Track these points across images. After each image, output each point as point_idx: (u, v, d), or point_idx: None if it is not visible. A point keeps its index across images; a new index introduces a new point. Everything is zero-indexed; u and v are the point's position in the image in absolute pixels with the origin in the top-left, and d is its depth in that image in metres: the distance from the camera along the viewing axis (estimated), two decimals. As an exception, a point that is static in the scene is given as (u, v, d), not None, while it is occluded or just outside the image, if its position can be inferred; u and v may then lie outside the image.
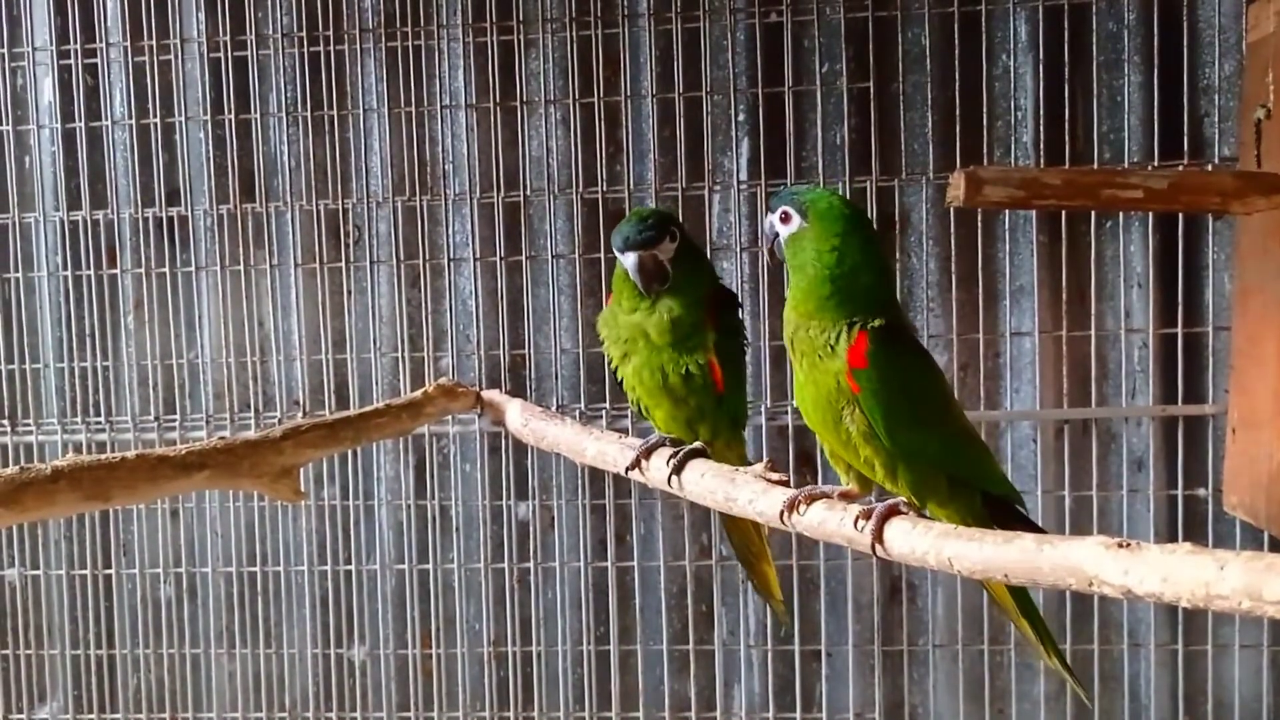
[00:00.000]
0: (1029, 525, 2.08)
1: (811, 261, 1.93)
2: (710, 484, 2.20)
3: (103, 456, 2.28)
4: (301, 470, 2.51)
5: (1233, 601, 1.36)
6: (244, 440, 2.44)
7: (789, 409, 3.31)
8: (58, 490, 2.18)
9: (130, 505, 3.39)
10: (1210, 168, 3.16)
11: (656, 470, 2.28)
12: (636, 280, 2.23)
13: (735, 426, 2.43)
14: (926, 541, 1.76)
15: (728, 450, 2.41)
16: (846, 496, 1.98)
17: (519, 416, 2.72)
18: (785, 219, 1.97)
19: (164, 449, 2.35)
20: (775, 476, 2.11)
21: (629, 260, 2.22)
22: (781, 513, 1.96)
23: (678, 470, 2.19)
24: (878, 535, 1.81)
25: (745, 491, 2.10)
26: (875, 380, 1.88)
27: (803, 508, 1.94)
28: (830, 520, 1.92)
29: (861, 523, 1.83)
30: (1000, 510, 2.05)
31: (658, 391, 2.30)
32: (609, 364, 2.40)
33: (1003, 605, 2.21)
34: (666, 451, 2.27)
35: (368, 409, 2.66)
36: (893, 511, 1.81)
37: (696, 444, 2.23)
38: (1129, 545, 1.50)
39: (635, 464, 2.30)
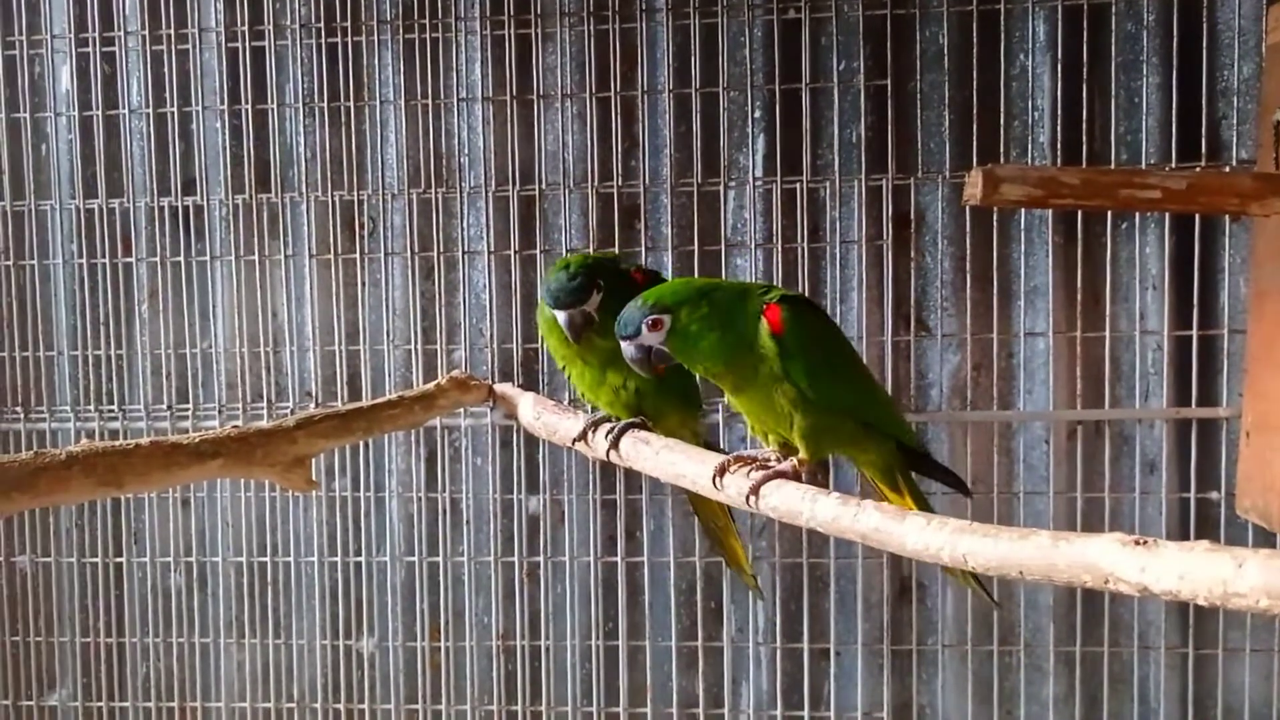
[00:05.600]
0: (949, 473, 2.39)
1: (705, 330, 2.11)
2: (725, 478, 2.21)
3: (117, 443, 2.28)
4: (313, 461, 2.53)
5: (1250, 599, 1.36)
6: (257, 429, 2.45)
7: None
8: (71, 476, 2.18)
9: (143, 492, 3.40)
10: (1228, 170, 3.15)
11: (598, 444, 2.49)
12: (566, 333, 2.39)
13: (686, 404, 2.57)
14: (942, 537, 1.77)
15: (681, 428, 2.55)
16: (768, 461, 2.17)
17: (531, 410, 2.73)
18: (656, 325, 2.13)
19: (178, 437, 2.35)
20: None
21: (560, 317, 2.38)
22: (714, 478, 2.17)
23: (615, 444, 2.39)
24: (754, 489, 2.06)
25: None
26: (793, 339, 2.10)
27: (728, 475, 2.16)
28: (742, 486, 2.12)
29: (752, 472, 2.09)
30: (915, 457, 2.32)
31: (595, 388, 2.50)
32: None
33: None
34: (608, 426, 2.47)
35: (380, 400, 2.67)
36: (779, 474, 2.05)
37: (635, 419, 2.41)
38: (1145, 542, 1.50)
39: (582, 436, 2.52)
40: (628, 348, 2.17)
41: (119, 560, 3.60)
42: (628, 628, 3.47)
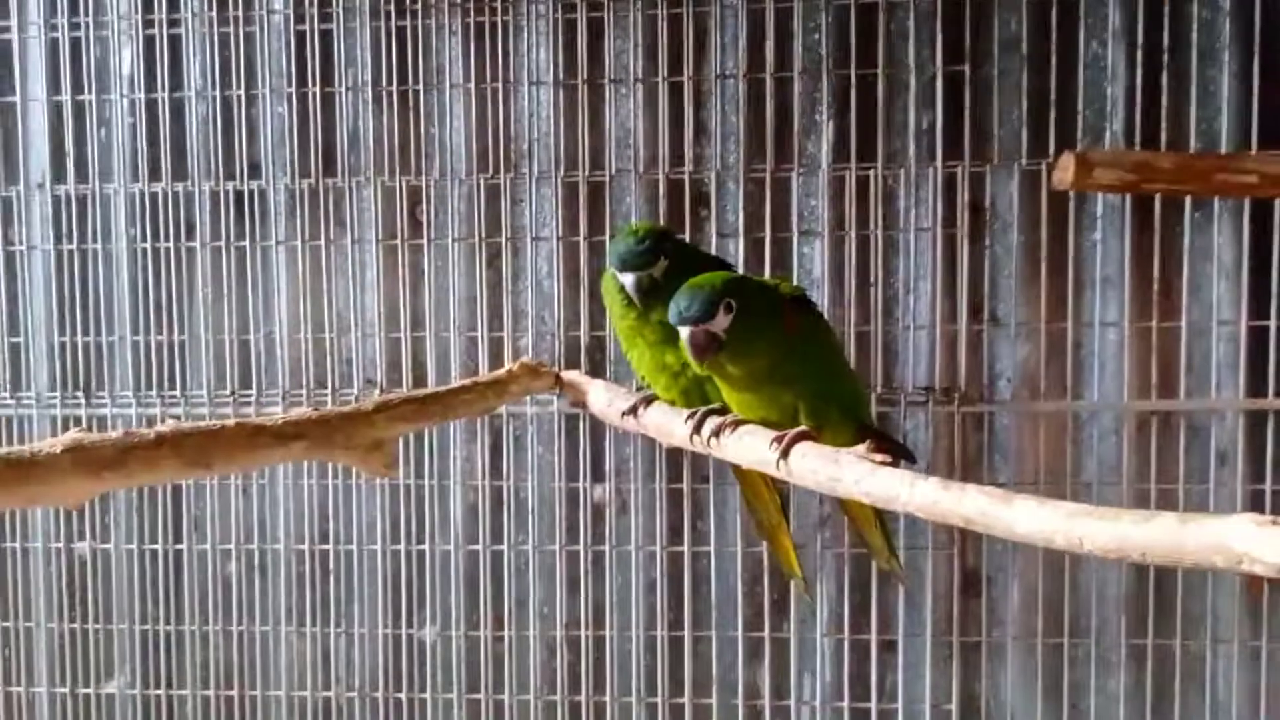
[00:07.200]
0: (898, 445, 2.51)
1: (762, 324, 2.19)
2: (813, 464, 2.17)
3: (202, 424, 2.27)
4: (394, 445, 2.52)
5: (1401, 574, 1.33)
6: (337, 412, 2.43)
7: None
8: (161, 456, 2.15)
9: (228, 474, 3.37)
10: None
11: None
12: (634, 297, 2.41)
13: None
14: (1056, 520, 1.73)
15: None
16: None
17: (604, 396, 2.70)
18: (729, 309, 2.15)
19: (261, 419, 2.33)
20: (879, 458, 2.09)
21: (627, 279, 2.40)
22: (707, 438, 2.32)
23: (697, 429, 2.37)
24: (784, 454, 2.10)
25: (851, 473, 2.08)
26: (807, 339, 2.27)
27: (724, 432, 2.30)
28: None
29: (774, 445, 2.12)
30: (867, 430, 2.36)
31: (655, 372, 2.51)
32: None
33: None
34: (661, 407, 2.53)
35: (455, 385, 2.67)
36: (804, 436, 2.11)
37: (716, 405, 2.39)
38: (1283, 522, 1.47)
39: (632, 410, 2.56)
40: (696, 332, 2.15)
41: (178, 547, 3.57)
42: (692, 618, 3.44)
